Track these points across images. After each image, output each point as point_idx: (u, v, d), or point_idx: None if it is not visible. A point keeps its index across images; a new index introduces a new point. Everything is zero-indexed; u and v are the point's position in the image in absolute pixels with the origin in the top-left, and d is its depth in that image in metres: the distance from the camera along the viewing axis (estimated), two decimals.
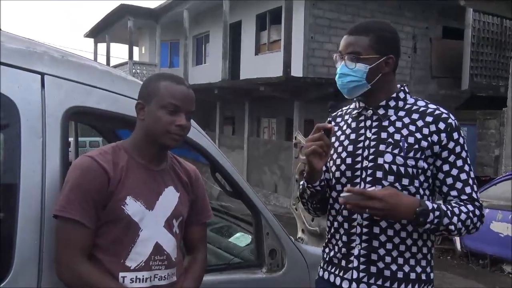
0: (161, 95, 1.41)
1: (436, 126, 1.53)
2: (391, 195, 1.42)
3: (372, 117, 1.62)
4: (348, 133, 1.66)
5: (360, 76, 1.56)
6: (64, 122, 1.50)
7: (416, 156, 1.52)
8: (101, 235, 1.37)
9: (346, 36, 1.60)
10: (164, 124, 1.40)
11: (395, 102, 1.61)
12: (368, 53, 1.55)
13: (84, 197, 1.32)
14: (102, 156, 1.38)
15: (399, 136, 1.55)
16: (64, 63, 1.57)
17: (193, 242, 1.61)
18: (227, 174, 1.95)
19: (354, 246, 1.58)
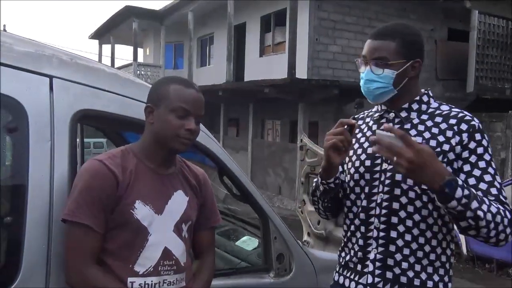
0: (171, 98, 1.40)
1: (458, 127, 1.49)
2: (429, 153, 1.32)
3: (394, 120, 1.59)
4: (369, 135, 1.63)
5: (387, 82, 1.52)
6: (72, 125, 1.50)
7: (438, 159, 1.44)
8: (110, 239, 1.36)
9: (371, 41, 1.55)
10: (174, 128, 1.39)
11: (418, 105, 1.58)
12: (395, 58, 1.51)
13: (93, 201, 1.31)
14: (111, 160, 1.37)
15: (421, 139, 1.50)
16: (72, 66, 1.57)
17: (201, 247, 1.60)
18: (235, 178, 1.94)
19: (370, 250, 1.55)
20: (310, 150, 4.01)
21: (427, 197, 1.48)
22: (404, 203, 1.50)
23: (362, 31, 11.89)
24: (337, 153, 1.49)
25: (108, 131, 2.67)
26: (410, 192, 1.49)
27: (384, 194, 1.53)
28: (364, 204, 1.58)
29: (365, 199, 1.58)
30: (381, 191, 1.54)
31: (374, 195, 1.55)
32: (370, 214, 1.55)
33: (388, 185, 1.53)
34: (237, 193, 2.07)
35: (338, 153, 1.49)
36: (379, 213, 1.53)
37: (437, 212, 1.49)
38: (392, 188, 1.52)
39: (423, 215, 1.49)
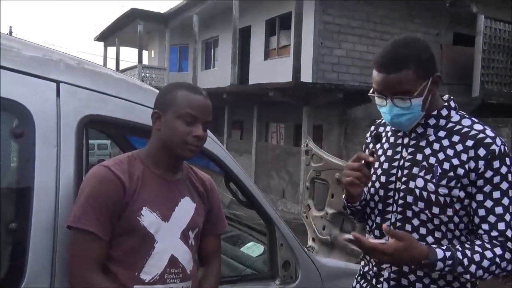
0: (178, 104, 1.39)
1: (476, 152, 1.38)
2: (401, 249, 1.30)
3: (410, 135, 1.52)
4: (386, 148, 1.59)
5: (416, 111, 1.43)
6: (79, 131, 1.49)
7: (450, 184, 1.40)
8: (116, 246, 1.34)
9: (384, 76, 1.39)
10: (181, 135, 1.37)
11: (435, 120, 1.48)
12: (418, 85, 1.39)
13: (100, 207, 1.30)
14: (117, 166, 1.36)
15: (434, 160, 1.43)
16: (79, 70, 1.56)
17: (207, 254, 1.58)
18: (241, 183, 1.92)
19: (384, 268, 1.53)
20: (316, 155, 3.98)
21: (438, 220, 1.44)
22: (416, 225, 1.47)
23: (367, 35, 11.88)
24: (356, 186, 1.47)
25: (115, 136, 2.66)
26: (421, 215, 1.46)
27: (398, 214, 1.51)
28: (378, 221, 1.56)
29: (379, 216, 1.56)
30: (395, 211, 1.51)
31: (388, 213, 1.53)
32: (384, 233, 1.50)
33: (401, 205, 1.49)
34: (243, 199, 2.06)
35: (357, 186, 1.47)
36: None
37: (451, 233, 1.45)
38: (404, 209, 1.49)
39: (436, 237, 1.45)
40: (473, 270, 1.32)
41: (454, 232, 1.44)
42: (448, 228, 1.44)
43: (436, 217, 1.43)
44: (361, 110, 11.07)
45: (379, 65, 1.41)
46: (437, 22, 12.92)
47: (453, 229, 1.44)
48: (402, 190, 1.48)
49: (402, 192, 1.48)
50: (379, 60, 1.42)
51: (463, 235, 1.46)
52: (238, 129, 17.31)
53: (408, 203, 1.46)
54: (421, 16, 12.62)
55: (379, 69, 1.41)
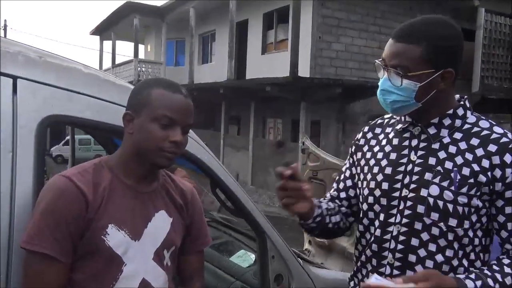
0: (153, 105, 1.19)
1: (501, 158, 1.23)
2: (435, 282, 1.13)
3: (420, 136, 1.33)
4: (388, 151, 1.38)
5: (407, 96, 1.26)
6: (40, 134, 1.29)
7: (470, 192, 1.24)
8: (78, 269, 1.15)
9: (393, 42, 1.27)
10: (156, 140, 1.18)
11: (450, 120, 1.31)
12: (419, 68, 1.23)
13: (57, 225, 1.11)
14: (80, 176, 1.17)
15: (451, 165, 1.26)
16: (42, 65, 1.36)
17: (188, 273, 1.40)
18: (229, 190, 1.73)
19: None
20: (313, 153, 3.81)
21: (453, 235, 1.26)
22: (425, 240, 1.28)
23: (366, 29, 11.70)
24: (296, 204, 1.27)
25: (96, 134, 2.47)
26: (433, 228, 1.27)
27: (402, 226, 1.30)
28: (378, 234, 1.35)
29: (379, 228, 1.35)
30: (399, 222, 1.31)
31: (390, 225, 1.33)
32: (384, 247, 1.33)
33: (408, 216, 1.29)
34: (232, 207, 1.87)
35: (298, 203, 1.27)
36: (394, 247, 1.31)
37: (463, 252, 1.28)
38: (412, 220, 1.29)
39: (447, 256, 1.27)
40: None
41: (466, 249, 1.28)
42: (461, 245, 1.27)
43: (451, 231, 1.25)
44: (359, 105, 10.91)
45: (395, 32, 1.29)
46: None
47: (466, 244, 1.27)
48: (410, 199, 1.29)
49: (410, 201, 1.29)
50: (398, 28, 1.30)
51: (476, 252, 1.30)
52: (235, 125, 17.13)
53: (418, 214, 1.27)
54: (422, 10, 12.41)
55: (393, 35, 1.29)
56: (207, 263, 2.32)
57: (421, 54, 1.23)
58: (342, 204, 1.52)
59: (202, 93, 15.78)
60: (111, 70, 21.81)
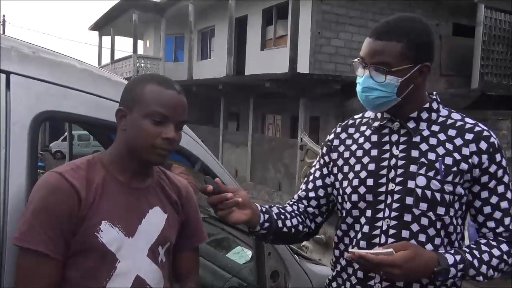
0: (146, 101, 1.18)
1: (477, 145, 1.30)
2: (411, 259, 1.18)
3: (399, 131, 1.36)
4: (368, 148, 1.40)
5: (390, 91, 1.29)
6: (33, 130, 1.28)
7: (455, 180, 1.29)
8: (71, 267, 1.15)
9: (372, 40, 1.30)
10: (149, 137, 1.17)
11: (428, 114, 1.36)
12: (400, 63, 1.27)
13: (50, 222, 1.10)
14: (73, 172, 1.16)
15: (434, 156, 1.30)
16: (35, 60, 1.35)
17: (183, 270, 1.39)
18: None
19: (373, 285, 1.33)
20: (311, 150, 3.81)
21: (441, 224, 1.30)
22: (415, 231, 1.30)
23: (365, 25, 11.65)
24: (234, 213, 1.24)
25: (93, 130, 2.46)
26: (423, 219, 1.30)
27: (391, 220, 1.32)
28: (366, 231, 1.35)
29: (367, 225, 1.35)
30: (388, 216, 1.32)
31: (379, 220, 1.33)
32: (374, 243, 1.33)
33: (397, 209, 1.31)
34: None
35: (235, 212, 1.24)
36: (384, 241, 1.31)
37: (448, 239, 1.33)
38: (401, 213, 1.31)
39: (435, 245, 1.31)
40: (484, 271, 1.26)
41: (451, 237, 1.34)
42: (447, 233, 1.33)
43: (439, 220, 1.30)
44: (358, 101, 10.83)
45: (373, 31, 1.33)
46: (437, 13, 12.70)
47: (451, 232, 1.33)
48: (397, 192, 1.31)
49: (398, 194, 1.31)
50: (375, 27, 1.34)
51: (457, 240, 1.36)
52: (234, 121, 17.11)
53: (407, 206, 1.30)
54: (421, 7, 12.39)
55: (371, 34, 1.32)
56: (203, 260, 2.31)
57: (402, 50, 1.27)
58: (310, 204, 1.51)
59: (201, 89, 15.76)
60: (110, 65, 21.77)
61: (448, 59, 13.01)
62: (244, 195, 1.27)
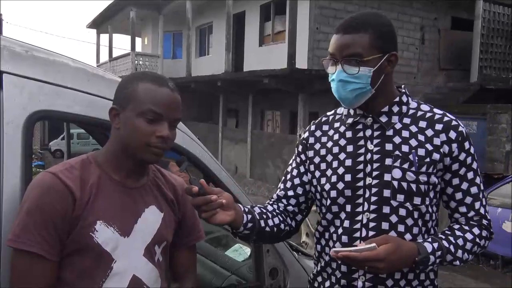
0: (139, 99, 1.17)
1: (447, 135, 1.35)
2: (393, 251, 1.21)
3: (372, 126, 1.39)
4: (343, 144, 1.42)
5: (364, 82, 1.32)
6: (27, 130, 1.27)
7: (429, 170, 1.33)
8: (66, 267, 1.14)
9: (340, 36, 1.34)
10: (142, 135, 1.16)
11: (398, 107, 1.39)
12: (370, 53, 1.31)
13: (44, 223, 1.09)
14: (67, 172, 1.15)
15: (408, 148, 1.34)
16: (28, 59, 1.34)
17: (180, 268, 1.38)
18: (223, 185, 1.71)
19: (357, 277, 1.35)
20: None
21: (418, 213, 1.34)
22: (394, 222, 1.34)
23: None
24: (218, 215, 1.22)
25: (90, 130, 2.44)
26: (400, 210, 1.33)
27: (371, 213, 1.34)
28: (346, 225, 1.37)
29: (347, 219, 1.37)
30: (367, 210, 1.34)
31: (359, 214, 1.35)
32: (355, 237, 1.35)
33: (375, 202, 1.34)
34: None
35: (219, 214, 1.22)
36: (366, 235, 1.34)
37: (425, 228, 1.38)
38: (380, 206, 1.33)
39: (414, 234, 1.35)
40: (460, 255, 1.32)
41: (428, 225, 1.38)
42: (424, 221, 1.37)
43: (416, 209, 1.34)
44: None
45: (338, 27, 1.36)
46: (435, 6, 12.66)
47: (428, 220, 1.38)
48: (374, 185, 1.34)
49: (375, 188, 1.34)
50: (340, 24, 1.37)
51: (433, 227, 1.42)
52: (233, 117, 17.09)
53: (385, 198, 1.33)
54: (419, 0, 12.35)
55: (337, 31, 1.36)
56: (202, 257, 2.31)
57: (370, 40, 1.31)
58: (289, 203, 1.51)
59: (199, 86, 15.72)
60: (108, 63, 21.72)
61: (446, 53, 12.99)
62: (228, 196, 1.27)
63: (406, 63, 12.07)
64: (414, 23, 12.34)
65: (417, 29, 12.42)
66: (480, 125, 9.33)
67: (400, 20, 12.06)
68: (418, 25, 12.45)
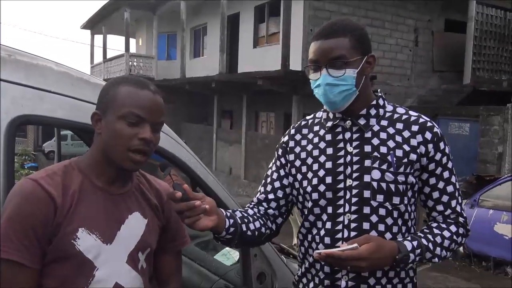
0: (120, 103, 1.16)
1: (423, 136, 1.39)
2: (375, 250, 1.25)
3: (351, 129, 1.42)
4: (323, 147, 1.45)
5: (350, 83, 1.36)
6: (9, 135, 1.26)
7: (406, 171, 1.37)
8: (47, 275, 1.12)
9: (321, 42, 1.37)
10: (124, 139, 1.15)
11: (375, 110, 1.43)
12: (353, 55, 1.36)
13: (24, 231, 1.07)
14: (49, 179, 1.13)
15: (386, 149, 1.38)
16: (11, 63, 1.32)
17: (164, 274, 1.37)
18: (209, 189, 1.71)
19: (341, 277, 1.37)
20: None
21: (397, 212, 1.38)
22: (374, 222, 1.37)
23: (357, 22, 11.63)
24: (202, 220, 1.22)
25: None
26: (380, 210, 1.37)
27: (352, 214, 1.37)
28: (328, 227, 1.39)
29: (329, 221, 1.39)
30: (348, 211, 1.37)
31: (340, 216, 1.38)
32: (337, 238, 1.37)
33: (356, 203, 1.37)
34: None
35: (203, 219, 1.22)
36: (347, 235, 1.36)
37: (405, 227, 1.41)
38: (360, 206, 1.37)
39: (394, 232, 1.38)
40: (438, 253, 1.36)
41: (407, 224, 1.42)
42: (404, 220, 1.40)
43: (395, 209, 1.37)
44: None
45: (317, 35, 1.39)
46: (429, 9, 12.70)
47: (407, 219, 1.41)
48: (354, 187, 1.38)
49: (356, 189, 1.37)
50: (317, 32, 1.40)
51: (412, 226, 1.44)
52: (228, 119, 17.07)
53: (365, 199, 1.36)
54: (413, 2, 12.39)
55: (316, 38, 1.39)
56: (191, 261, 2.30)
57: (350, 43, 1.36)
58: (270, 206, 1.53)
59: (194, 87, 15.69)
60: (102, 64, 21.63)
61: (440, 55, 13.04)
62: (211, 201, 1.27)
63: (399, 65, 12.12)
64: (408, 25, 12.38)
65: (410, 31, 12.46)
66: (472, 127, 9.37)
67: (394, 22, 12.10)
68: (411, 27, 12.49)
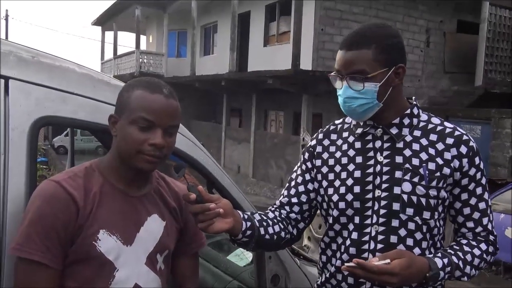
0: (131, 107, 1.16)
1: (458, 150, 1.34)
2: (407, 266, 1.19)
3: (382, 137, 1.37)
4: (352, 155, 1.40)
5: (370, 97, 1.31)
6: (32, 136, 1.28)
7: (439, 185, 1.32)
8: (69, 276, 1.14)
9: (344, 52, 1.32)
10: (134, 143, 1.15)
11: (409, 119, 1.38)
12: (375, 68, 1.29)
13: (47, 232, 1.09)
14: (71, 181, 1.15)
15: (418, 162, 1.32)
16: (34, 65, 1.34)
17: (182, 276, 1.38)
18: (225, 191, 1.71)
19: None
20: None
21: (426, 227, 1.33)
22: (403, 236, 1.32)
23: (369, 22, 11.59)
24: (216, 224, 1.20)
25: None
26: (409, 223, 1.32)
27: (379, 226, 1.33)
28: (355, 237, 1.35)
29: (355, 231, 1.35)
30: (376, 223, 1.33)
31: (367, 227, 1.34)
32: (363, 249, 1.33)
33: (384, 215, 1.32)
34: None
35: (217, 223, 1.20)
36: (374, 247, 1.32)
37: (432, 241, 1.36)
38: (389, 219, 1.32)
39: (423, 248, 1.33)
40: (468, 271, 1.31)
41: (435, 238, 1.37)
42: (432, 235, 1.36)
43: (425, 224, 1.33)
44: None
45: (342, 43, 1.35)
46: (441, 9, 12.62)
47: (436, 234, 1.37)
48: (383, 198, 1.33)
49: (385, 201, 1.32)
50: (344, 39, 1.36)
51: (439, 241, 1.40)
52: (237, 117, 17.09)
53: (394, 212, 1.32)
54: (425, 3, 12.31)
55: (341, 46, 1.35)
56: (204, 262, 2.31)
57: (373, 56, 1.29)
58: (292, 210, 1.49)
59: (203, 85, 15.73)
60: (112, 61, 21.75)
61: (452, 56, 12.95)
62: (226, 203, 1.25)
63: (411, 66, 12.05)
64: (420, 26, 12.31)
65: (422, 31, 12.39)
66: (484, 129, 9.30)
67: (405, 22, 12.04)
68: (423, 27, 12.42)
